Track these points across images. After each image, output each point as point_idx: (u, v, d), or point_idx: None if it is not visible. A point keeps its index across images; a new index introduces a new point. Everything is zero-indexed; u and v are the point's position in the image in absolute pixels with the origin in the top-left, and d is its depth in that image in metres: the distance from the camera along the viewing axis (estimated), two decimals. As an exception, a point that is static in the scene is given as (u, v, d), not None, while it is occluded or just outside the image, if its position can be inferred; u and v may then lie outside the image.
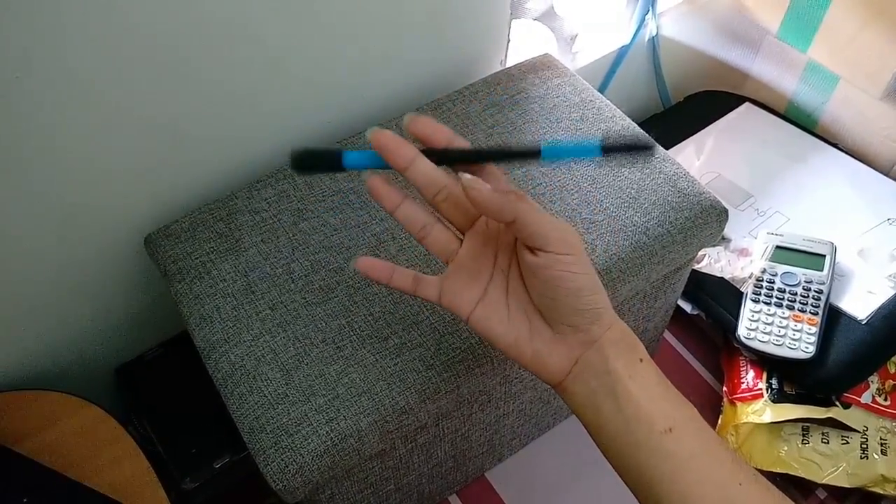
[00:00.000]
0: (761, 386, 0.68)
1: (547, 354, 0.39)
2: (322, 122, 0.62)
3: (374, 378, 0.46)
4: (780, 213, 0.79)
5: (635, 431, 0.37)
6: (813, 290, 0.69)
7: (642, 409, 0.37)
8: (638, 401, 0.37)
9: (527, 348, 0.39)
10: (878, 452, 0.65)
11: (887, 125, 0.82)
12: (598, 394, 0.38)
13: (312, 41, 0.55)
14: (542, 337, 0.39)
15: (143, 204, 0.56)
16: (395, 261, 0.51)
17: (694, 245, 0.56)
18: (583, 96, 0.62)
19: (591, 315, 0.38)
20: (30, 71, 0.44)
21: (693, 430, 0.38)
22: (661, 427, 0.37)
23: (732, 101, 0.91)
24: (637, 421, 0.37)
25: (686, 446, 0.37)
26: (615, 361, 0.38)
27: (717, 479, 0.36)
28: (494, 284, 0.40)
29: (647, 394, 0.37)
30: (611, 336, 0.38)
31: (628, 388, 0.37)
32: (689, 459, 0.36)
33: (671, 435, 0.37)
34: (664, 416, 0.37)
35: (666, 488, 0.36)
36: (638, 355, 0.39)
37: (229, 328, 0.49)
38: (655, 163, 0.57)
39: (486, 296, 0.40)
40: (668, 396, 0.38)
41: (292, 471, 0.43)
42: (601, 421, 0.38)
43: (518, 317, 0.39)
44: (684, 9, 0.86)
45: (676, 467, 0.36)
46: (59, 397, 0.54)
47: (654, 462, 0.37)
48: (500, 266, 0.40)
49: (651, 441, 0.37)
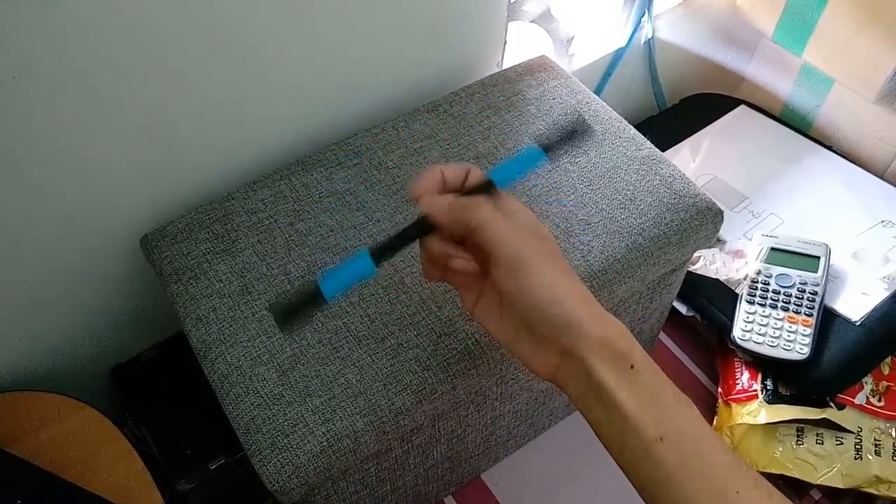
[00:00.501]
0: (756, 387, 0.68)
1: (531, 355, 0.39)
2: (319, 123, 0.62)
3: (371, 379, 0.46)
4: (774, 215, 0.79)
5: (626, 437, 0.37)
6: (807, 291, 0.69)
7: (630, 419, 0.36)
8: (626, 410, 0.36)
9: (516, 348, 0.40)
10: (872, 453, 0.65)
11: (881, 128, 0.82)
12: (587, 397, 0.38)
13: (310, 43, 0.56)
14: (524, 342, 0.40)
15: (140, 205, 0.56)
16: (391, 262, 0.51)
17: (689, 247, 0.56)
18: (579, 98, 0.63)
19: (558, 325, 0.37)
20: (27, 71, 0.44)
21: (687, 437, 0.37)
22: (651, 436, 0.36)
23: (728, 104, 0.92)
24: (626, 429, 0.36)
25: (678, 455, 0.36)
26: (599, 372, 0.37)
27: (711, 487, 0.36)
28: (490, 287, 0.40)
29: (637, 402, 0.36)
30: (591, 345, 0.37)
31: (615, 398, 0.36)
32: (680, 468, 0.36)
33: (662, 444, 0.36)
34: (655, 424, 0.36)
35: (661, 492, 0.36)
36: (628, 362, 0.37)
37: (225, 329, 0.49)
38: (651, 165, 0.58)
39: (482, 297, 0.41)
40: (661, 403, 0.37)
41: (288, 472, 0.43)
42: (594, 419, 0.38)
43: (508, 320, 0.40)
44: (680, 12, 0.87)
45: (669, 476, 0.36)
46: (55, 398, 0.54)
47: (647, 467, 0.36)
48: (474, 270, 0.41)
49: (642, 447, 0.36)
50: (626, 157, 0.58)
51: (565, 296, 0.38)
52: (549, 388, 0.62)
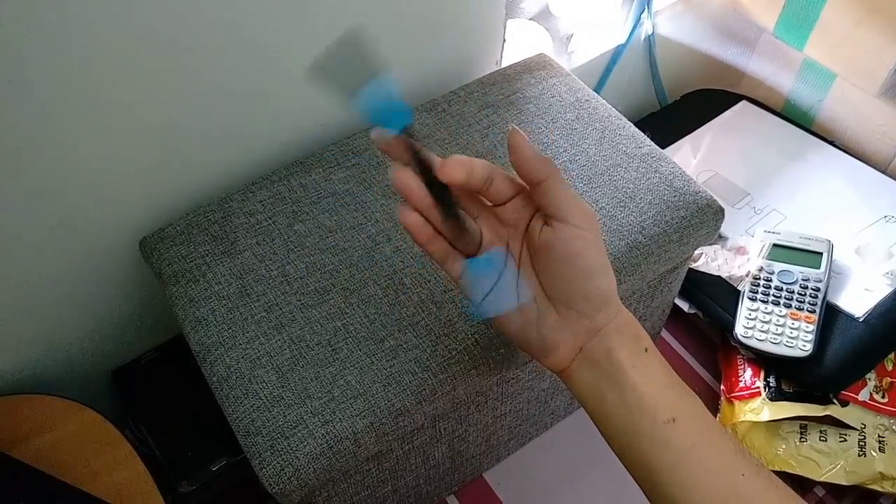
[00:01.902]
0: (759, 384, 0.68)
1: (552, 341, 0.39)
2: (317, 123, 0.62)
3: (370, 380, 0.46)
4: (777, 210, 0.79)
5: (638, 421, 0.37)
6: (810, 287, 0.69)
7: (646, 400, 0.37)
8: (641, 391, 0.37)
9: (533, 335, 0.39)
10: (875, 450, 0.65)
11: (884, 122, 0.82)
12: (602, 383, 0.38)
13: (307, 43, 0.55)
14: (548, 324, 0.39)
15: (139, 207, 0.56)
16: (390, 263, 0.51)
17: (690, 244, 0.56)
18: (578, 96, 0.62)
19: (598, 301, 0.38)
20: (24, 74, 0.44)
21: (696, 421, 0.38)
22: (664, 417, 0.37)
23: (729, 100, 0.91)
24: (640, 411, 0.37)
25: (689, 437, 0.37)
26: (619, 351, 0.38)
27: (719, 469, 0.36)
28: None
29: (651, 384, 0.37)
30: (616, 325, 0.38)
31: (632, 379, 0.37)
32: (691, 450, 0.36)
33: (674, 425, 0.36)
34: (667, 407, 0.37)
35: (667, 478, 0.36)
36: (643, 345, 0.38)
37: (225, 331, 0.48)
38: (651, 162, 0.57)
39: (498, 281, 0.40)
40: (671, 386, 0.38)
41: (288, 474, 0.43)
42: (605, 409, 0.38)
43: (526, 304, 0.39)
44: (680, 7, 0.86)
45: (679, 458, 0.36)
46: (55, 401, 0.54)
47: (657, 452, 0.37)
48: (511, 252, 0.40)
49: (654, 431, 0.37)
50: (625, 155, 0.58)
51: (611, 271, 0.38)
52: (549, 388, 0.62)
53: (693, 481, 0.36)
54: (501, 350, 0.48)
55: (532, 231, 0.39)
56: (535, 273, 0.40)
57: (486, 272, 0.39)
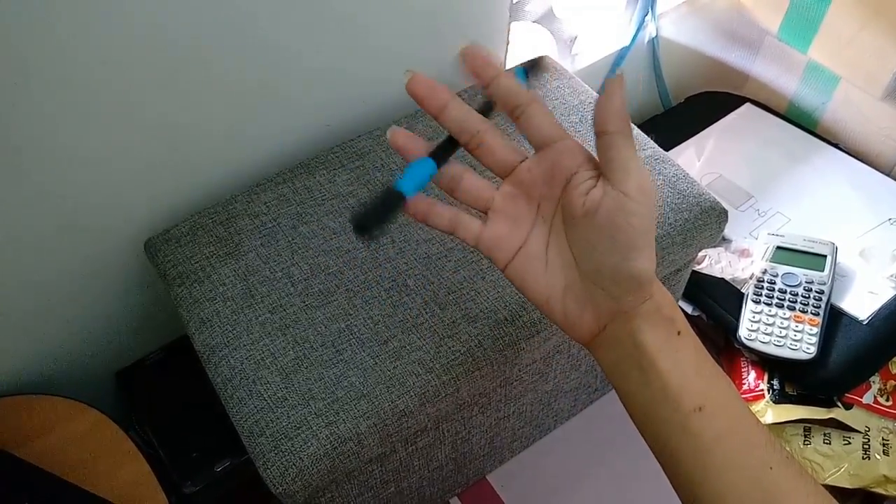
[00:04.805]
0: (762, 387, 0.68)
1: (576, 315, 0.37)
2: (321, 125, 0.62)
3: (374, 381, 0.46)
4: (780, 213, 0.79)
5: (661, 408, 0.35)
6: (814, 290, 0.69)
7: (670, 386, 0.35)
8: (666, 377, 0.35)
9: (558, 306, 0.37)
10: (880, 453, 0.65)
11: (888, 125, 0.82)
12: (625, 364, 0.36)
13: (312, 45, 0.56)
14: (574, 297, 0.37)
15: (143, 208, 0.57)
16: (394, 264, 0.51)
17: (694, 246, 0.56)
18: (582, 98, 0.62)
19: (627, 285, 0.35)
20: (28, 75, 0.44)
21: (725, 411, 0.36)
22: (689, 406, 0.35)
23: (733, 102, 0.91)
24: (664, 398, 0.35)
25: (715, 427, 0.35)
26: (645, 335, 0.35)
27: (745, 461, 0.35)
28: (535, 234, 0.38)
29: (679, 370, 0.35)
30: (645, 309, 0.36)
31: (656, 364, 0.35)
32: (716, 440, 0.35)
33: (699, 414, 0.35)
34: (695, 394, 0.35)
35: (690, 467, 0.35)
36: (676, 328, 0.36)
37: (229, 332, 0.49)
38: (655, 164, 0.57)
39: (526, 245, 0.38)
40: (702, 373, 0.36)
41: (292, 474, 0.43)
42: (628, 389, 0.37)
43: (554, 272, 0.37)
44: (684, 10, 0.86)
45: (702, 448, 0.35)
46: (60, 402, 0.55)
47: (680, 439, 0.35)
48: (542, 214, 0.38)
49: (678, 418, 0.35)
50: (629, 157, 0.58)
51: (652, 251, 0.35)
52: (553, 390, 0.62)
53: (715, 472, 0.34)
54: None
55: (571, 194, 0.36)
56: (566, 242, 0.37)
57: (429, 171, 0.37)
